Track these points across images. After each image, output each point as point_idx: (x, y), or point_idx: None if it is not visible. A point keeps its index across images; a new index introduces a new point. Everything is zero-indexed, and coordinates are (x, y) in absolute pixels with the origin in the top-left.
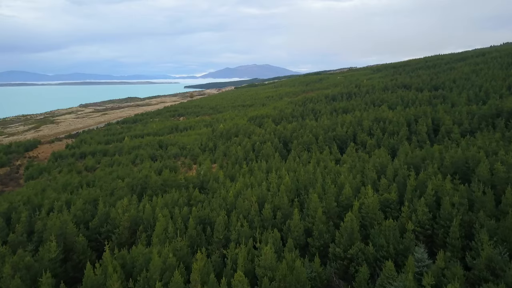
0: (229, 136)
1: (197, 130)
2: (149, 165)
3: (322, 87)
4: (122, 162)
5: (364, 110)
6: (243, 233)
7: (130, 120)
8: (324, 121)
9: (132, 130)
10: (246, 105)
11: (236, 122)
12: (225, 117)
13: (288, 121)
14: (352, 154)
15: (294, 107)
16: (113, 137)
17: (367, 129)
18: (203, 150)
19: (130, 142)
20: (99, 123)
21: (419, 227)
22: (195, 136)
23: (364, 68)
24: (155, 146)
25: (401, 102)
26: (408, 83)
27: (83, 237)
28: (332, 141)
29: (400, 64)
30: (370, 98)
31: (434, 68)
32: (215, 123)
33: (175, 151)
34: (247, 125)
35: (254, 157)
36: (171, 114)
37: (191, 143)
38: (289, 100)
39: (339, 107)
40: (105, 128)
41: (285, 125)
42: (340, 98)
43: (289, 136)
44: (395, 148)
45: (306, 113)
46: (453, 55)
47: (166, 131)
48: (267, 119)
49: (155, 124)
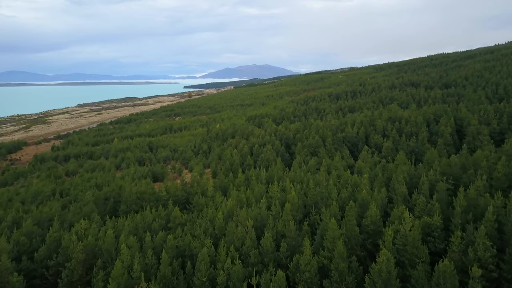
0: (225, 137)
1: (192, 131)
2: (134, 170)
3: (324, 86)
4: (106, 167)
5: (373, 109)
6: (234, 273)
7: (124, 120)
8: (331, 121)
9: (123, 131)
10: (245, 105)
11: (233, 122)
12: (223, 117)
13: (290, 121)
14: (368, 159)
15: (295, 106)
16: (103, 138)
17: (381, 130)
18: (196, 152)
19: (118, 144)
20: (92, 123)
21: (480, 268)
22: (189, 137)
23: (366, 67)
24: (144, 148)
25: (412, 100)
26: (416, 81)
27: (19, 277)
28: (342, 144)
29: (404, 63)
30: (378, 96)
31: (441, 66)
32: (211, 123)
33: (165, 154)
34: (245, 125)
35: (252, 162)
36: (167, 114)
37: (184, 144)
38: (290, 99)
39: (344, 105)
40: (97, 128)
41: (287, 125)
42: (344, 97)
43: (292, 138)
44: (415, 151)
45: (309, 112)
46: (459, 53)
47: (159, 131)
48: (267, 119)
49: (149, 124)
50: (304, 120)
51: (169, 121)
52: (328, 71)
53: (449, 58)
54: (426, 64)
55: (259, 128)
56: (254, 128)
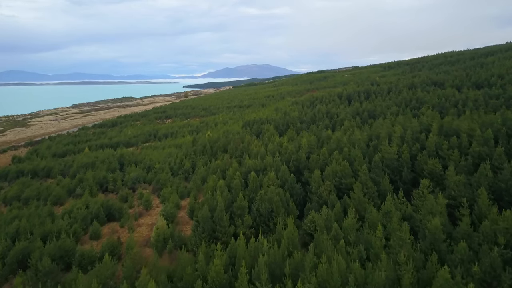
0: (214, 150)
1: (177, 140)
2: (83, 203)
3: (328, 86)
4: (53, 195)
5: (401, 114)
6: None
7: (109, 123)
8: (356, 134)
9: (101, 138)
10: (243, 106)
11: (228, 129)
12: (217, 121)
13: (296, 128)
14: (432, 205)
15: (301, 108)
16: (75, 147)
17: (433, 149)
18: (175, 172)
19: (84, 157)
20: (75, 126)
21: None
22: (170, 149)
23: (372, 66)
24: (113, 164)
25: (447, 103)
26: (439, 80)
27: None
28: (380, 172)
29: (413, 61)
30: (400, 98)
31: (459, 64)
32: (203, 128)
33: (135, 175)
34: (241, 134)
35: (245, 204)
36: (158, 116)
37: (162, 160)
38: (293, 100)
39: (362, 109)
40: (76, 133)
41: (294, 136)
42: (357, 98)
43: (304, 160)
44: (501, 189)
45: (319, 117)
46: (475, 50)
47: (142, 138)
48: (268, 126)
49: (132, 129)
50: (316, 129)
51: (157, 125)
52: (331, 70)
53: (465, 56)
54: (441, 62)
55: (257, 139)
56: (252, 140)
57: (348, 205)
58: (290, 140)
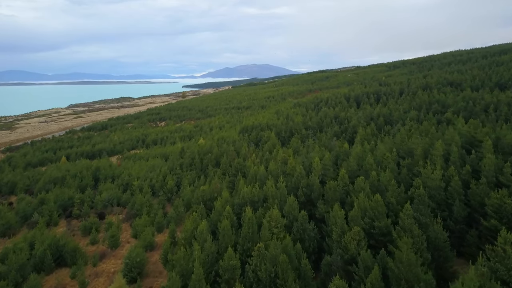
0: (205, 164)
1: (166, 148)
2: (24, 245)
3: (331, 86)
4: (0, 224)
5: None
6: None
7: (99, 126)
8: (379, 149)
9: (85, 144)
10: (242, 108)
11: (223, 135)
12: (212, 125)
13: (301, 135)
14: None
15: (304, 112)
16: (53, 156)
17: (491, 174)
18: (157, 191)
19: (55, 170)
20: (63, 129)
21: None
22: (155, 160)
23: (375, 65)
24: (86, 179)
25: (475, 107)
26: (455, 80)
27: None
28: (426, 209)
29: (420, 60)
30: (418, 101)
31: (470, 63)
32: (196, 133)
33: (107, 196)
34: (238, 142)
35: (237, 269)
36: (151, 118)
37: (143, 175)
38: (295, 101)
39: (375, 114)
40: (60, 138)
41: (299, 147)
42: (366, 100)
43: (317, 187)
44: None
45: (327, 122)
46: (484, 49)
47: (128, 145)
48: (268, 133)
49: (120, 134)
50: (325, 138)
51: (148, 128)
52: (333, 70)
53: (475, 54)
54: (450, 60)
55: (256, 149)
56: (249, 153)
57: (389, 269)
58: (295, 153)
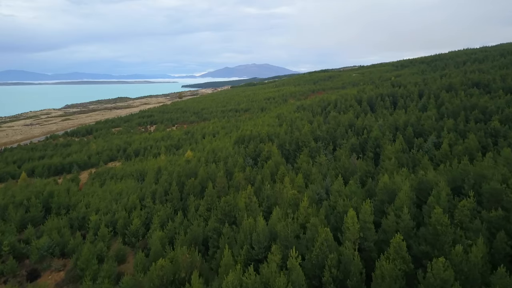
0: (186, 192)
1: (146, 162)
2: None
3: (336, 86)
4: None
5: (458, 130)
6: None
7: (83, 131)
8: (441, 188)
9: (57, 154)
10: (239, 110)
11: (216, 146)
12: (206, 131)
13: (310, 150)
14: None
15: (311, 117)
16: (16, 170)
17: None
18: (119, 231)
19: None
20: (46, 133)
21: None
22: (127, 183)
23: (381, 64)
24: (33, 210)
25: None
26: (481, 81)
27: None
28: None
29: (429, 59)
30: (452, 107)
31: (488, 61)
32: (186, 142)
33: (47, 242)
34: (232, 158)
35: None
36: (141, 122)
37: (105, 206)
38: (298, 103)
39: (402, 122)
40: (35, 145)
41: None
42: (381, 103)
43: (358, 275)
44: None
45: (341, 132)
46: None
47: (106, 156)
48: (269, 145)
49: (101, 141)
50: (344, 158)
51: (133, 135)
52: (335, 70)
53: (491, 53)
54: (465, 59)
55: (253, 172)
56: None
57: None
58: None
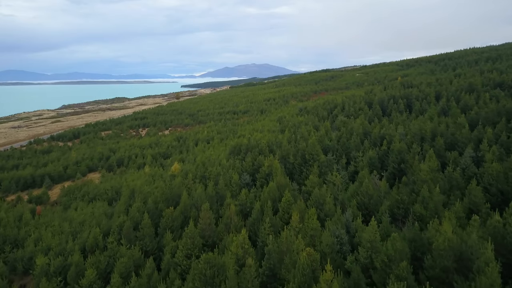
0: (162, 227)
1: (125, 176)
2: None
3: (339, 87)
4: None
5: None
6: None
7: (69, 135)
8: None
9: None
10: (238, 112)
11: (208, 156)
12: (199, 136)
13: (320, 164)
14: None
15: (316, 121)
16: None
17: None
18: (69, 285)
19: None
20: (32, 136)
21: None
22: (95, 207)
23: (385, 64)
24: None
25: None
26: (505, 81)
27: None
28: None
29: (436, 58)
30: (487, 112)
31: (502, 60)
32: (176, 150)
33: None
34: (224, 176)
35: None
36: (134, 124)
37: (58, 244)
38: (300, 105)
39: (428, 131)
40: (11, 152)
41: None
42: (394, 106)
43: None
44: None
45: (354, 142)
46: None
47: (85, 166)
48: (270, 159)
49: (84, 148)
50: (365, 178)
51: (118, 141)
52: (336, 69)
53: (504, 51)
54: (476, 58)
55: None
56: (235, 219)
57: None
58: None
